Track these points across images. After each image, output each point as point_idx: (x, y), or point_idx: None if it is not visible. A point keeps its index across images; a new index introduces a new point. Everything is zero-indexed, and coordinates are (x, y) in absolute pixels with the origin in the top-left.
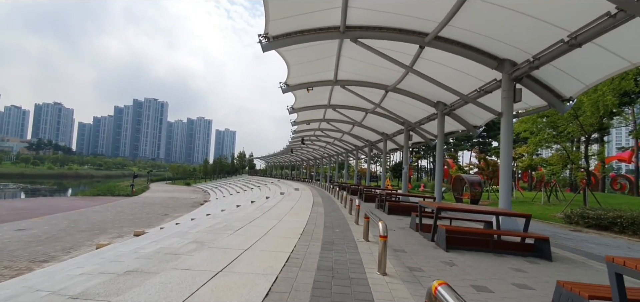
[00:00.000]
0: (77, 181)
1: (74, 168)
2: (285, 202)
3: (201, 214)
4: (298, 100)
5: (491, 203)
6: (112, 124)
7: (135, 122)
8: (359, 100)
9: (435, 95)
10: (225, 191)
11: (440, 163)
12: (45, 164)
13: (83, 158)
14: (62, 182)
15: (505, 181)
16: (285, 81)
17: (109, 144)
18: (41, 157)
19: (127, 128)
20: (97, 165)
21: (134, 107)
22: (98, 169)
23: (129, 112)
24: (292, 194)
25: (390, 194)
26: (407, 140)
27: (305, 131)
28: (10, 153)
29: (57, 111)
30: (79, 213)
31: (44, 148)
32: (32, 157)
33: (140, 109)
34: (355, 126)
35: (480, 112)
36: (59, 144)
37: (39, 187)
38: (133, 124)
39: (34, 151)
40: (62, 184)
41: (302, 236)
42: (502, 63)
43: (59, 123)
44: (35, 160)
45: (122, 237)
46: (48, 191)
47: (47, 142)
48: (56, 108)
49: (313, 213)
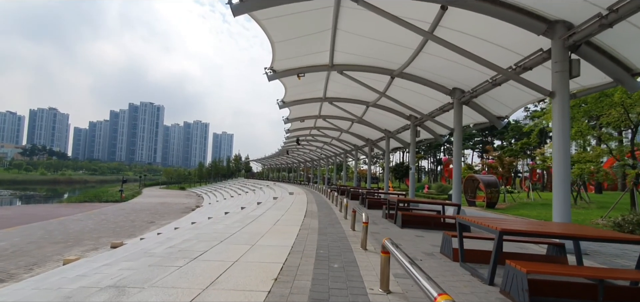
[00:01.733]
0: (70, 186)
1: (67, 174)
2: (274, 211)
3: (186, 223)
4: (289, 92)
5: (508, 207)
6: (108, 128)
7: (131, 126)
8: (360, 91)
9: (452, 78)
10: (219, 195)
11: (458, 162)
12: (38, 169)
13: (78, 163)
14: (56, 188)
15: (561, 186)
16: (271, 66)
17: (105, 149)
18: (34, 163)
19: (123, 133)
20: (91, 170)
21: (130, 112)
22: (93, 174)
23: (125, 116)
24: (284, 199)
25: (401, 201)
26: (414, 137)
27: (300, 130)
28: (4, 159)
29: (52, 116)
30: (58, 222)
31: (38, 154)
32: (25, 163)
33: (136, 113)
34: (355, 123)
35: (512, 97)
36: (54, 150)
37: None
38: (129, 128)
39: (28, 156)
40: (56, 191)
41: (279, 279)
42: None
43: (54, 128)
44: (28, 166)
45: (98, 249)
46: (37, 197)
47: (41, 147)
48: (51, 113)
49: (303, 229)
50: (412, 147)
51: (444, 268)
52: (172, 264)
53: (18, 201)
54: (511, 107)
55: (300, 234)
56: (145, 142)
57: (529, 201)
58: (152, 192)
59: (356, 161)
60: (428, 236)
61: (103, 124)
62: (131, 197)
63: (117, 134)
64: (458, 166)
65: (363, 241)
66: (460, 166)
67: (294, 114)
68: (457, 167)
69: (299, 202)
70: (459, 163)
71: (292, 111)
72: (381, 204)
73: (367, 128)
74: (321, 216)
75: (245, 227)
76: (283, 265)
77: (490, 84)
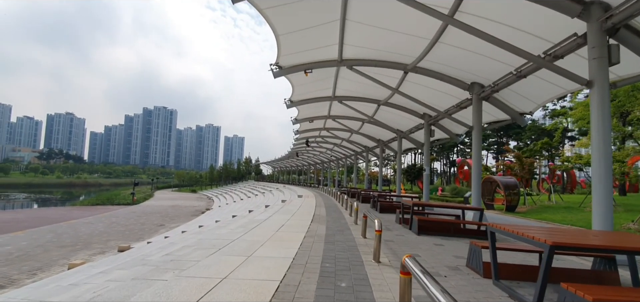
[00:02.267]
0: (86, 189)
1: (83, 177)
2: (280, 215)
3: (194, 226)
4: (296, 90)
5: (529, 211)
6: (123, 132)
7: (145, 130)
8: (371, 89)
9: (471, 71)
10: (229, 198)
11: (477, 162)
12: (54, 173)
13: (93, 167)
14: (71, 192)
15: (602, 188)
16: (276, 61)
17: (120, 152)
18: (51, 166)
19: (138, 136)
20: (106, 173)
21: (144, 116)
22: (108, 178)
23: (139, 120)
24: (293, 202)
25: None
26: (428, 137)
27: (309, 132)
28: (20, 163)
29: (69, 121)
30: (68, 225)
31: (54, 157)
32: (41, 167)
33: (150, 117)
34: (366, 123)
35: (538, 90)
36: (70, 153)
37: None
38: (143, 132)
39: (45, 160)
40: (72, 193)
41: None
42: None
43: (71, 133)
44: (44, 169)
45: (105, 253)
46: (53, 200)
47: (57, 151)
48: (68, 118)
49: (309, 237)
50: (426, 147)
51: (475, 287)
52: (159, 277)
53: (34, 204)
54: (536, 102)
55: (304, 243)
56: (159, 146)
57: (550, 204)
58: (164, 195)
59: (367, 162)
60: (448, 245)
61: (118, 128)
62: (143, 200)
63: (132, 138)
64: (478, 167)
65: (376, 251)
66: (480, 166)
67: (302, 114)
68: (477, 168)
69: (307, 205)
70: (479, 164)
71: (300, 111)
72: (394, 207)
73: (378, 128)
74: (329, 221)
75: (248, 233)
76: (279, 284)
77: (514, 77)
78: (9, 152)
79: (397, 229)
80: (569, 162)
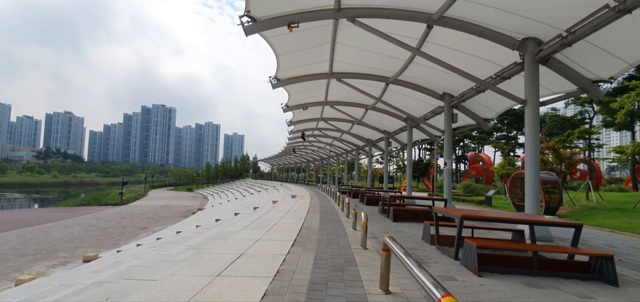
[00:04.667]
0: (82, 188)
1: (79, 176)
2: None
3: (176, 230)
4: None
5: (571, 214)
6: (122, 131)
7: (144, 128)
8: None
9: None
10: (224, 197)
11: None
12: (51, 172)
13: (91, 166)
14: (67, 191)
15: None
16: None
17: (119, 151)
18: (48, 165)
19: (136, 135)
20: (104, 172)
21: (143, 114)
22: (105, 177)
23: (138, 119)
24: (283, 205)
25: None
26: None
27: (305, 123)
28: (19, 162)
29: (67, 120)
30: (41, 229)
31: (52, 157)
32: (38, 166)
33: (148, 116)
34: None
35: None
36: (68, 152)
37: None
38: (142, 130)
39: (43, 159)
40: (68, 192)
41: None
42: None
43: (70, 132)
44: (40, 169)
45: (67, 264)
46: (44, 200)
47: (55, 150)
48: (67, 117)
49: (285, 267)
50: (447, 133)
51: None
52: None
53: (32, 204)
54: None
55: (277, 278)
56: (158, 144)
57: (591, 204)
58: (158, 194)
59: (370, 157)
60: None
61: (117, 127)
62: (133, 199)
63: (131, 137)
64: (534, 162)
65: None
66: (538, 163)
67: (297, 117)
68: (533, 163)
69: (298, 210)
70: (537, 160)
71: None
72: (416, 215)
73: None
74: (323, 239)
75: (201, 257)
76: None
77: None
78: (8, 152)
79: (435, 256)
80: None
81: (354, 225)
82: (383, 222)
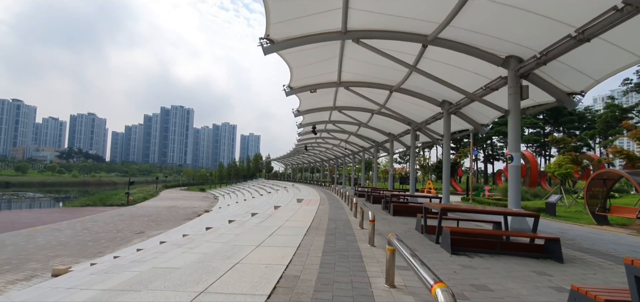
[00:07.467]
0: (100, 188)
1: (97, 176)
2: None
3: (177, 234)
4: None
5: None
6: (142, 132)
7: (163, 129)
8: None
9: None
10: (234, 197)
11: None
12: (72, 171)
13: (111, 166)
14: (87, 190)
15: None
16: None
17: (139, 151)
18: (70, 165)
19: (156, 136)
20: (123, 172)
21: (162, 115)
22: (124, 176)
23: (157, 120)
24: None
25: None
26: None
27: (316, 111)
28: (42, 162)
29: (90, 121)
30: (28, 233)
31: (74, 157)
32: (59, 166)
33: (167, 117)
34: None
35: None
36: (90, 153)
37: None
38: (161, 131)
39: (65, 159)
40: (87, 192)
41: None
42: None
43: (93, 133)
44: (61, 168)
45: (32, 279)
46: (61, 198)
47: (77, 151)
48: (90, 118)
49: None
50: (514, 113)
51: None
52: None
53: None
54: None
55: None
56: (176, 145)
57: None
58: (170, 194)
59: (391, 155)
60: None
61: (138, 128)
62: (141, 200)
63: (151, 137)
64: (516, 165)
65: None
66: (519, 165)
67: (307, 120)
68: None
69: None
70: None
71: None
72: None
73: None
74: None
75: None
76: None
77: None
78: (33, 152)
79: None
80: None
81: (389, 272)
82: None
